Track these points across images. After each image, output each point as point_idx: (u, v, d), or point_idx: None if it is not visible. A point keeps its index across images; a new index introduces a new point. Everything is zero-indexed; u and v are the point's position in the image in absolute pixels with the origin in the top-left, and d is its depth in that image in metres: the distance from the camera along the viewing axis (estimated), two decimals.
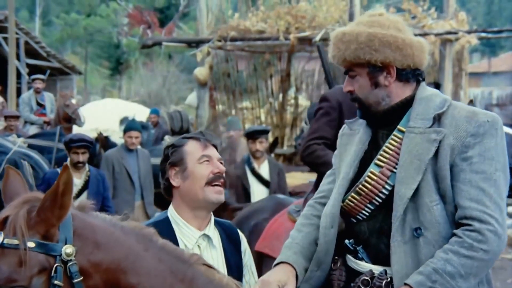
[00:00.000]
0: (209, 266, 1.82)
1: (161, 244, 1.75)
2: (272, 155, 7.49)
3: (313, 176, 9.02)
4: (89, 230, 1.59)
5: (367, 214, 2.12)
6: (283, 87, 12.13)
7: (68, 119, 9.24)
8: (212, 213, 2.43)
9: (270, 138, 8.14)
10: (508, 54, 34.18)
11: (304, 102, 12.56)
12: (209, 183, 2.31)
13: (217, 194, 2.32)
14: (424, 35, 9.39)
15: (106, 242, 1.60)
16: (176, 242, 2.25)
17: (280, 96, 12.15)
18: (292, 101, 12.39)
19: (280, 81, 12.16)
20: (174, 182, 2.36)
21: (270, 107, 12.20)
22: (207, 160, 2.34)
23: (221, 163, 2.38)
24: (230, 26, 10.41)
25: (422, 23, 9.67)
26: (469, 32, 9.50)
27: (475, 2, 42.61)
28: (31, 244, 1.47)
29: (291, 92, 12.63)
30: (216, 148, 2.44)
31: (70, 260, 1.51)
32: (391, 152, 2.09)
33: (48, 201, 1.49)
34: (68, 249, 1.51)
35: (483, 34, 9.93)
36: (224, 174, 2.37)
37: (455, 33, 9.39)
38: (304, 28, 9.87)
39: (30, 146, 6.87)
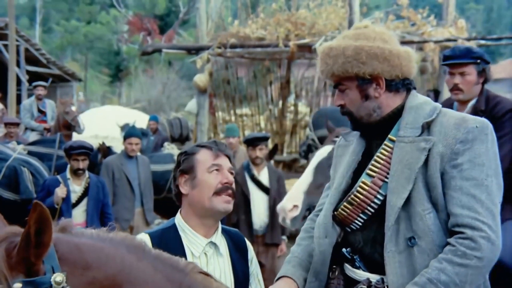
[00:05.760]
0: (206, 274, 1.81)
1: (155, 254, 1.72)
2: (272, 162, 7.49)
3: None
4: (76, 251, 1.54)
5: (360, 224, 2.13)
6: (283, 94, 12.13)
7: (68, 126, 9.25)
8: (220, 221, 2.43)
9: (270, 145, 8.14)
10: (508, 61, 34.22)
11: (303, 109, 12.57)
12: (217, 193, 2.30)
13: (225, 204, 2.31)
14: (423, 42, 9.41)
15: (96, 259, 1.56)
16: (182, 250, 2.26)
17: (280, 103, 12.15)
18: (292, 108, 12.39)
19: (280, 88, 12.17)
20: (183, 189, 2.36)
21: (269, 114, 12.21)
22: (217, 170, 2.34)
23: (231, 173, 2.37)
24: (229, 33, 10.41)
25: (422, 30, 9.67)
26: (468, 40, 9.49)
27: (474, 9, 42.72)
28: (17, 285, 1.43)
29: (291, 99, 12.63)
30: (229, 158, 2.42)
31: (63, 287, 1.47)
32: (382, 161, 2.09)
33: (23, 242, 1.44)
34: (57, 277, 1.47)
35: (483, 42, 9.92)
36: (233, 185, 2.35)
37: (455, 40, 9.38)
38: (303, 35, 9.87)
39: (30, 153, 6.87)
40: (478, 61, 3.66)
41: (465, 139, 1.96)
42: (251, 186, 5.88)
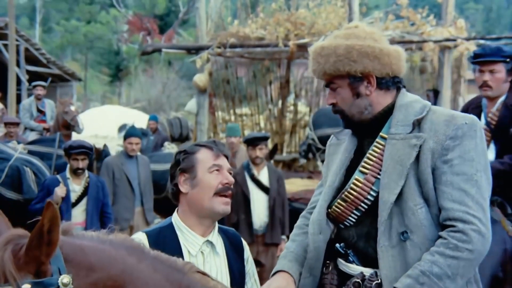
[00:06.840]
0: (203, 274, 1.83)
1: (154, 254, 1.75)
2: (272, 161, 7.50)
3: (312, 183, 9.03)
4: (80, 253, 1.57)
5: (354, 220, 2.16)
6: (283, 94, 12.12)
7: (67, 126, 9.25)
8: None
9: (270, 145, 8.15)
10: None
11: (303, 108, 12.56)
12: (217, 193, 2.32)
13: (224, 205, 2.33)
14: (423, 42, 9.41)
15: (99, 261, 1.59)
16: (179, 249, 2.28)
17: (280, 102, 12.14)
18: (292, 108, 12.38)
19: (280, 88, 12.16)
20: (183, 188, 2.36)
21: (269, 114, 12.20)
22: (217, 170, 2.35)
23: (230, 173, 2.39)
24: (229, 33, 10.41)
25: (421, 30, 9.67)
26: (467, 39, 9.50)
27: (473, 9, 42.73)
28: (26, 286, 1.45)
29: (290, 99, 12.62)
30: (228, 158, 2.43)
31: None
32: (374, 159, 2.14)
33: (34, 240, 1.46)
34: (64, 279, 1.49)
35: (482, 41, 9.91)
36: (232, 186, 2.37)
37: (454, 40, 9.40)
38: (303, 35, 9.87)
39: (30, 152, 6.87)
40: (508, 60, 3.80)
41: (455, 135, 2.01)
42: (251, 186, 5.90)
